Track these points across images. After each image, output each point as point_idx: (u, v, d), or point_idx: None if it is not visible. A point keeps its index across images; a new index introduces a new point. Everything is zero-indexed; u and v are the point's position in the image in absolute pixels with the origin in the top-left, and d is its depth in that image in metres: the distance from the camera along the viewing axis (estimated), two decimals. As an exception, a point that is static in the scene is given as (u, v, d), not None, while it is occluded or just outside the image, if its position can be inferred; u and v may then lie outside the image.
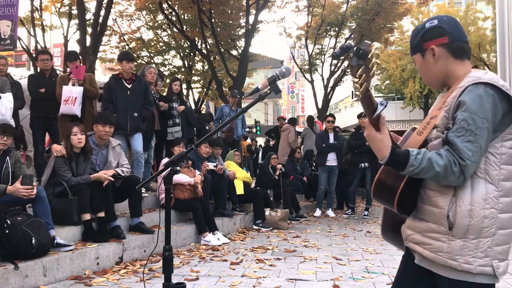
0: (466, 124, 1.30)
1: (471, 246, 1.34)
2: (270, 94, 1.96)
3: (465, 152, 1.29)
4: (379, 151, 1.38)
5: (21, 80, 6.36)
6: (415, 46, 1.53)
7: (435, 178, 1.34)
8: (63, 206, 3.97)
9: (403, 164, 1.34)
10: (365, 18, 15.69)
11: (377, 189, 1.51)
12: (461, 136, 1.30)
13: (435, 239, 1.40)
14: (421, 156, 1.32)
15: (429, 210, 1.42)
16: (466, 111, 1.31)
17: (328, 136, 7.97)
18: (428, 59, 1.50)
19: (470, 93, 1.33)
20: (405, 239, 1.53)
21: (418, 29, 1.53)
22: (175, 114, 6.57)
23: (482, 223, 1.33)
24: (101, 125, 4.46)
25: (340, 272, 3.94)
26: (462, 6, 25.44)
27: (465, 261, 1.34)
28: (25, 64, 22.25)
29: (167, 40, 16.90)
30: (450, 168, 1.30)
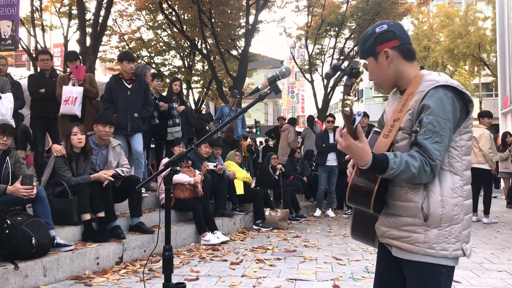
0: (432, 127, 1.41)
1: (445, 234, 1.46)
2: (270, 94, 1.96)
3: (434, 152, 1.40)
4: (361, 158, 1.43)
5: (21, 80, 6.36)
6: (367, 50, 1.58)
7: (411, 178, 1.43)
8: (63, 206, 3.97)
9: (384, 168, 1.41)
10: (365, 18, 15.68)
11: (352, 194, 1.56)
12: (429, 138, 1.41)
13: (411, 231, 1.49)
14: (398, 160, 1.41)
15: (403, 206, 1.51)
16: (431, 114, 1.42)
17: (328, 136, 7.97)
18: (381, 61, 1.57)
19: (432, 97, 1.44)
20: (380, 235, 1.61)
21: (368, 34, 1.59)
22: (175, 114, 6.58)
23: (452, 211, 1.46)
24: (101, 125, 4.46)
25: (340, 272, 3.94)
26: (462, 6, 25.44)
27: (441, 248, 1.46)
28: (25, 64, 22.26)
29: (167, 40, 16.90)
30: (423, 169, 1.41)
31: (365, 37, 1.60)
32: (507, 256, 4.67)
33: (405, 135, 1.50)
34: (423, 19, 25.13)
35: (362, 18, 15.84)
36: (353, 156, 1.45)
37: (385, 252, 1.63)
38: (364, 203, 1.53)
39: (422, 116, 1.43)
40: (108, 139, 4.57)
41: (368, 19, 15.65)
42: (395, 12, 15.63)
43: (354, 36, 17.29)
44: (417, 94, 1.49)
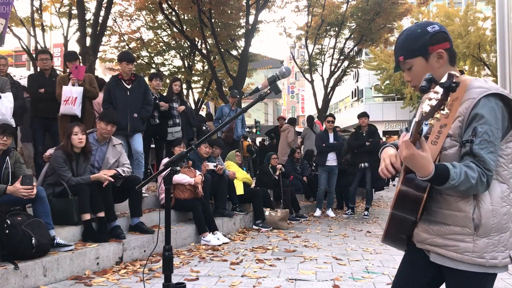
0: (488, 136, 1.39)
1: (495, 243, 1.45)
2: (270, 94, 1.95)
3: (490, 163, 1.39)
4: (423, 168, 1.37)
5: (21, 80, 6.36)
6: (418, 49, 1.53)
7: (468, 189, 1.40)
8: (63, 206, 3.97)
9: (444, 179, 1.38)
10: (365, 18, 15.67)
11: (399, 202, 1.53)
12: (485, 148, 1.39)
13: (459, 240, 1.48)
14: (458, 170, 1.38)
15: (451, 215, 1.49)
16: (485, 124, 1.40)
17: (328, 136, 7.97)
18: (433, 63, 1.53)
19: (485, 106, 1.41)
20: (420, 241, 1.59)
21: (418, 32, 1.53)
22: (175, 114, 6.58)
23: (502, 220, 1.45)
24: (104, 123, 4.51)
25: (340, 272, 3.94)
26: (462, 6, 25.43)
27: (491, 257, 1.45)
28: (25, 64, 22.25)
29: (167, 40, 16.89)
30: (480, 180, 1.38)
31: (414, 35, 1.53)
32: (507, 256, 4.66)
33: (453, 142, 1.47)
34: (423, 19, 25.11)
35: (362, 18, 15.82)
36: (414, 166, 1.39)
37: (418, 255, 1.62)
38: (411, 211, 1.51)
39: (476, 125, 1.41)
40: (108, 137, 4.60)
41: (368, 19, 15.64)
42: (395, 12, 15.61)
43: (354, 36, 17.28)
44: (468, 101, 1.45)
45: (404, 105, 26.66)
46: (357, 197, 9.12)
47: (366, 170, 7.69)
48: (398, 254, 4.52)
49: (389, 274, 3.86)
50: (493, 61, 21.46)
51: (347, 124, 30.78)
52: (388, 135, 27.79)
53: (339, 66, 18.09)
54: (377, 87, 29.39)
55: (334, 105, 38.17)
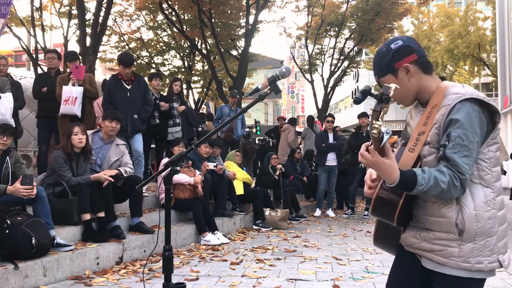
0: (461, 140, 1.40)
1: (480, 247, 1.45)
2: (270, 94, 1.96)
3: (463, 166, 1.39)
4: (388, 175, 1.40)
5: (21, 80, 6.37)
6: (385, 68, 1.56)
7: (440, 194, 1.41)
8: (63, 206, 3.97)
9: (412, 185, 1.39)
10: (365, 18, 15.66)
11: (377, 205, 1.54)
12: (458, 152, 1.40)
13: (445, 245, 1.49)
14: (427, 176, 1.39)
15: (435, 221, 1.50)
16: (459, 128, 1.41)
17: (328, 136, 7.97)
18: (402, 77, 1.55)
19: (460, 111, 1.42)
20: (408, 245, 1.61)
21: (383, 51, 1.57)
22: (175, 114, 6.58)
23: (487, 224, 1.44)
24: (109, 121, 4.58)
25: (340, 272, 3.94)
26: (462, 6, 25.44)
27: (476, 262, 1.45)
28: (25, 64, 22.24)
29: (167, 40, 16.88)
30: (452, 184, 1.39)
31: (380, 55, 1.57)
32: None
33: (432, 149, 1.49)
34: (423, 19, 25.13)
35: (362, 18, 15.81)
36: (380, 173, 1.43)
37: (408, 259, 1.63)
38: (387, 216, 1.53)
39: (450, 130, 1.42)
40: (113, 135, 4.65)
41: (368, 19, 15.63)
42: (395, 12, 15.61)
43: (354, 36, 17.28)
44: (443, 108, 1.47)
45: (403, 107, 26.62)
46: (357, 197, 9.12)
47: (366, 170, 7.67)
48: (398, 254, 4.52)
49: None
50: (493, 61, 21.46)
51: (347, 124, 30.77)
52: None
53: (339, 66, 18.09)
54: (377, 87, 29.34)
55: (334, 105, 38.14)
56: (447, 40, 22.28)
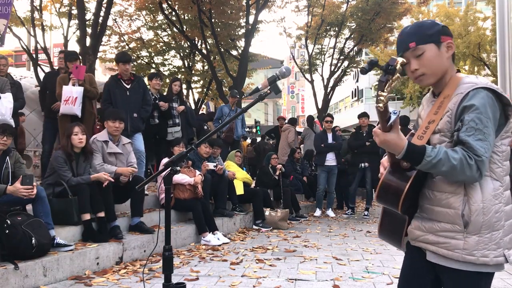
0: (474, 124, 1.39)
1: (485, 240, 1.44)
2: (270, 94, 1.96)
3: (478, 148, 1.37)
4: (396, 147, 1.41)
5: (21, 80, 6.39)
6: (430, 36, 1.53)
7: (452, 171, 1.38)
8: (63, 206, 3.97)
9: (420, 155, 1.39)
10: (365, 18, 15.66)
11: (382, 192, 1.55)
12: (472, 135, 1.39)
13: (450, 237, 1.48)
14: (437, 149, 1.39)
15: (441, 211, 1.50)
16: (473, 112, 1.40)
17: (327, 136, 7.97)
18: (443, 52, 1.54)
19: (473, 97, 1.43)
20: (413, 239, 1.60)
21: (428, 23, 1.56)
22: (175, 114, 6.58)
23: (493, 218, 1.44)
24: (111, 121, 4.58)
25: (340, 272, 3.94)
26: (462, 6, 25.43)
27: (482, 255, 1.44)
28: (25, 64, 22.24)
29: (167, 40, 16.88)
30: (465, 162, 1.37)
31: (426, 24, 1.56)
32: (507, 256, 4.66)
33: (442, 138, 1.49)
34: (423, 19, 25.12)
35: (362, 18, 15.81)
36: (389, 148, 1.44)
37: (416, 255, 1.62)
38: (392, 202, 1.52)
39: (464, 115, 1.42)
40: (118, 135, 4.65)
41: (368, 19, 15.63)
42: (395, 12, 15.61)
43: (354, 36, 17.28)
44: (456, 96, 1.48)
45: (404, 105, 26.64)
46: (357, 197, 9.12)
47: (366, 170, 7.69)
48: (398, 254, 4.52)
49: (389, 274, 3.86)
50: (493, 61, 21.45)
51: (347, 124, 30.77)
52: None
53: (339, 66, 18.09)
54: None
55: (334, 105, 38.16)
56: (447, 40, 22.23)
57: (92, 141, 4.48)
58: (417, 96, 24.17)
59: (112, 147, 4.59)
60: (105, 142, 4.55)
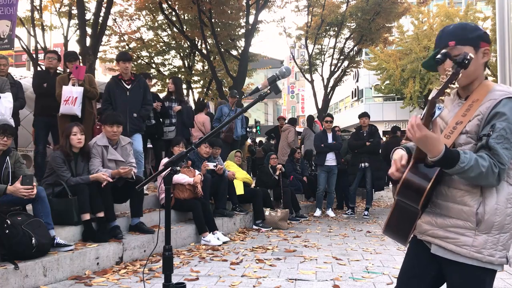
0: (505, 133, 1.44)
1: (494, 240, 1.49)
2: (270, 94, 1.95)
3: (504, 157, 1.44)
4: (433, 148, 1.42)
5: (21, 80, 6.38)
6: (472, 39, 1.56)
7: (478, 177, 1.43)
8: (63, 206, 3.97)
9: (454, 162, 1.42)
10: (365, 18, 15.68)
11: (404, 188, 1.56)
12: (501, 143, 1.44)
13: (460, 234, 1.53)
14: (469, 156, 1.42)
15: (456, 208, 1.54)
16: (505, 121, 1.45)
17: (327, 136, 7.97)
18: (479, 57, 1.57)
19: (507, 106, 1.47)
20: (421, 233, 1.64)
21: (471, 25, 1.59)
22: (172, 114, 6.58)
23: (505, 220, 1.49)
24: (109, 125, 4.50)
25: (340, 272, 3.94)
26: (462, 6, 25.43)
27: (489, 254, 1.49)
28: (25, 64, 22.24)
29: (167, 40, 16.89)
30: (491, 169, 1.43)
31: (468, 26, 1.59)
32: (507, 256, 4.66)
33: (469, 139, 1.53)
34: (423, 19, 25.12)
35: (362, 18, 15.83)
36: (425, 146, 1.43)
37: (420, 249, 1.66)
38: (414, 200, 1.55)
39: (495, 121, 1.46)
40: (117, 139, 4.60)
41: (368, 19, 15.65)
42: (395, 12, 15.63)
43: (354, 36, 17.29)
44: (488, 102, 1.51)
45: (404, 105, 26.63)
46: (357, 197, 9.12)
47: (366, 170, 7.69)
48: (398, 254, 4.51)
49: (389, 274, 3.86)
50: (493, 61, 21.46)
51: (347, 124, 30.78)
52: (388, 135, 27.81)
53: (339, 66, 18.10)
54: (377, 87, 29.38)
55: (334, 105, 38.15)
56: (447, 40, 22.24)
57: (92, 145, 4.45)
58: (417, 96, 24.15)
59: (113, 153, 4.52)
60: (105, 147, 4.49)
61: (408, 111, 27.03)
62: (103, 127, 4.57)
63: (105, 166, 4.44)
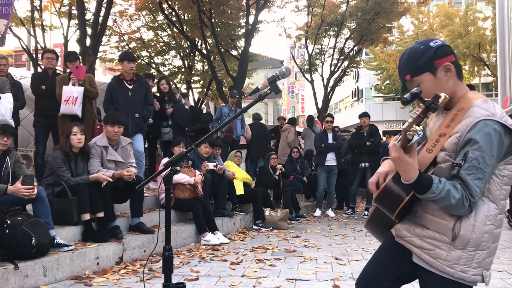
0: (477, 163, 1.38)
1: (468, 257, 1.46)
2: (270, 94, 1.95)
3: (475, 189, 1.39)
4: (406, 173, 1.41)
5: (21, 80, 6.37)
6: (423, 65, 1.51)
7: (448, 207, 1.43)
8: (63, 206, 3.97)
9: (425, 190, 1.40)
10: (365, 18, 15.67)
11: (382, 196, 1.55)
12: (472, 174, 1.39)
13: (435, 246, 1.51)
14: (442, 186, 1.39)
15: (434, 220, 1.51)
16: (478, 150, 1.39)
17: (327, 136, 7.97)
18: (441, 77, 1.51)
19: (481, 132, 1.40)
20: (399, 237, 1.63)
21: (421, 49, 1.52)
22: (167, 115, 6.59)
23: (482, 238, 1.45)
24: (110, 125, 4.49)
25: (340, 272, 3.94)
26: (462, 6, 25.43)
27: (461, 270, 1.47)
28: (25, 64, 22.24)
29: (167, 40, 16.88)
30: (461, 202, 1.40)
31: (417, 52, 1.52)
32: (507, 256, 4.67)
33: (447, 158, 1.48)
34: (423, 19, 25.13)
35: (362, 18, 15.83)
36: (399, 169, 1.44)
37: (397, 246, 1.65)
38: (389, 209, 1.54)
39: (468, 150, 1.40)
40: (118, 139, 4.59)
41: (368, 19, 15.64)
42: (395, 12, 15.62)
43: (354, 36, 17.29)
44: (469, 119, 1.43)
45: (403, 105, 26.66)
46: (357, 197, 9.12)
47: (367, 170, 7.69)
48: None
49: (389, 274, 3.85)
50: (493, 61, 21.46)
51: (347, 124, 30.78)
52: (388, 135, 27.80)
53: (339, 66, 18.09)
54: (377, 87, 29.40)
55: (334, 105, 38.15)
56: (447, 40, 22.25)
57: (91, 145, 4.44)
58: (417, 96, 24.13)
59: (113, 154, 4.50)
60: (104, 148, 4.46)
61: (408, 111, 27.04)
62: (104, 127, 4.57)
63: (104, 166, 4.43)
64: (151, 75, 7.11)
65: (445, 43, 1.54)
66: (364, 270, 1.75)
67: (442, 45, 1.51)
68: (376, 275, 1.70)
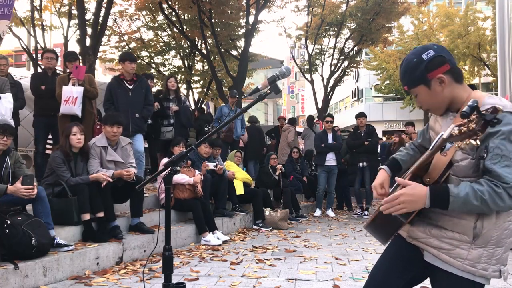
0: (500, 151, 1.36)
1: (489, 255, 1.46)
2: (270, 94, 1.95)
3: (506, 176, 1.35)
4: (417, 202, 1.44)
5: (21, 80, 6.37)
6: (417, 79, 1.53)
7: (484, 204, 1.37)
8: (63, 206, 3.97)
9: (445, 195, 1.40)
10: (365, 18, 15.68)
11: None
12: (498, 162, 1.36)
13: (455, 246, 1.49)
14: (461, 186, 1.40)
15: (453, 220, 1.50)
16: (497, 138, 1.37)
17: (327, 136, 7.97)
18: (435, 88, 1.52)
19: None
20: (413, 238, 1.61)
21: (414, 62, 1.52)
22: (169, 114, 6.56)
23: (502, 235, 1.46)
24: (109, 126, 4.47)
25: (340, 272, 3.94)
26: (462, 6, 25.42)
27: (482, 268, 1.46)
28: (25, 64, 22.24)
29: (167, 40, 16.89)
30: (493, 191, 1.35)
31: (410, 65, 1.54)
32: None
33: (465, 154, 1.46)
34: (423, 19, 25.13)
35: (362, 18, 15.83)
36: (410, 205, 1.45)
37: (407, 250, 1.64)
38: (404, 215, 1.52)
39: (488, 141, 1.39)
40: (117, 139, 4.58)
41: (368, 19, 15.65)
42: (395, 12, 15.62)
43: (354, 36, 17.29)
44: None
45: (404, 105, 26.64)
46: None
47: (365, 169, 7.69)
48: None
49: (389, 274, 3.85)
50: (493, 61, 21.46)
51: (347, 124, 30.77)
52: (388, 135, 27.81)
53: (339, 66, 18.10)
54: (377, 87, 29.40)
55: (334, 105, 38.15)
56: (447, 40, 22.28)
57: (91, 145, 4.44)
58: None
59: (112, 154, 4.48)
60: (103, 148, 4.45)
61: (408, 111, 27.04)
62: (104, 127, 4.56)
63: (103, 167, 4.43)
64: (150, 75, 7.13)
65: (439, 52, 1.51)
66: (373, 275, 1.73)
67: (434, 57, 1.50)
68: (386, 281, 1.68)
